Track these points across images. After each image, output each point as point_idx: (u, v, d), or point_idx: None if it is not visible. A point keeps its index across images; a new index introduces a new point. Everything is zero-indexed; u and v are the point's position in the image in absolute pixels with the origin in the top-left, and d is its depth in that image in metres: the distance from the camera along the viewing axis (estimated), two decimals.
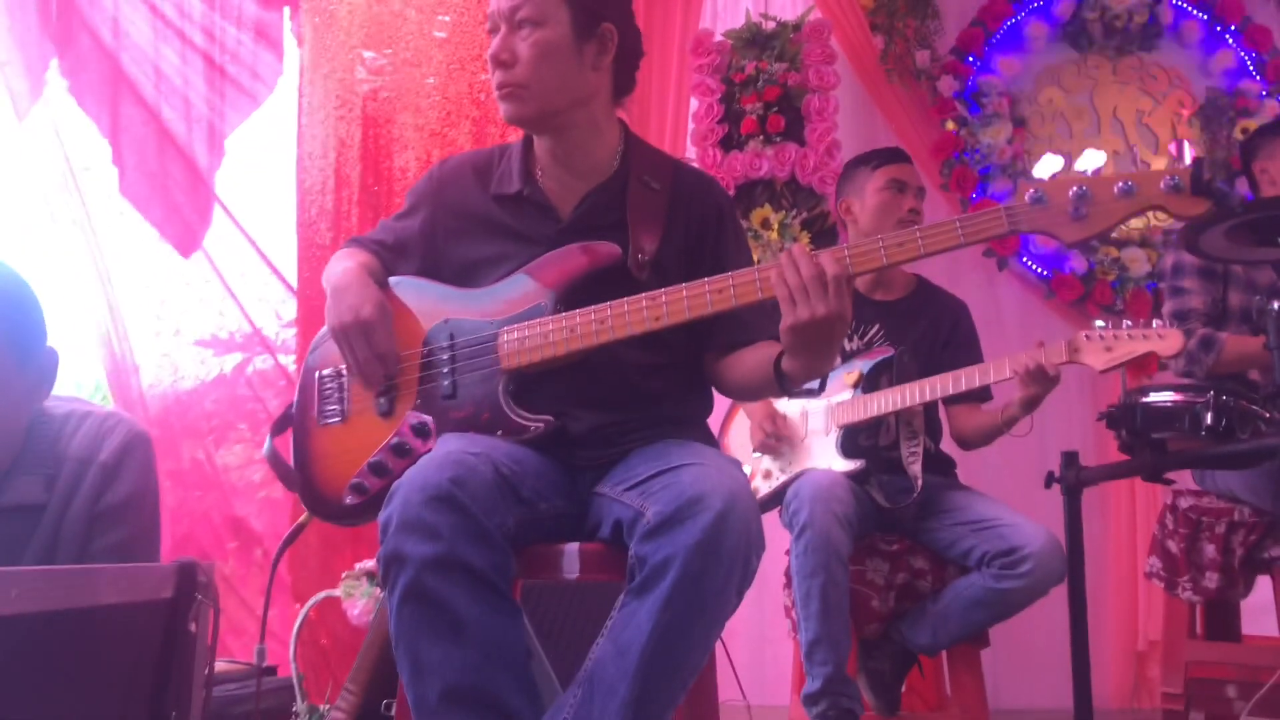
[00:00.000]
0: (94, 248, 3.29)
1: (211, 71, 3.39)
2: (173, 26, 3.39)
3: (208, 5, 3.39)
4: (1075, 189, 1.26)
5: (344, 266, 1.54)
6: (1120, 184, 1.25)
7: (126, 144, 3.32)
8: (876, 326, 2.30)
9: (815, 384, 1.39)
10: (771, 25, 3.30)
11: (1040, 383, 2.02)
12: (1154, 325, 1.98)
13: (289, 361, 3.32)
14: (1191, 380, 2.34)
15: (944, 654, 2.23)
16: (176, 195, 3.32)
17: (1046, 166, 1.31)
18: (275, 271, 3.36)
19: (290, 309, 3.34)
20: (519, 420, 1.43)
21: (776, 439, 2.23)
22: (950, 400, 2.19)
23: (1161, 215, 3.20)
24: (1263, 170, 2.44)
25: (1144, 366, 3.12)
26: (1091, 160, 1.30)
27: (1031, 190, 1.28)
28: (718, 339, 1.52)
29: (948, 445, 2.36)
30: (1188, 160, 1.26)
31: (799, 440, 2.25)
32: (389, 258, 1.61)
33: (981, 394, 2.16)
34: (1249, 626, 2.38)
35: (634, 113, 3.22)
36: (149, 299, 3.35)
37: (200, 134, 3.37)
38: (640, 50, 1.57)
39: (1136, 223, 3.36)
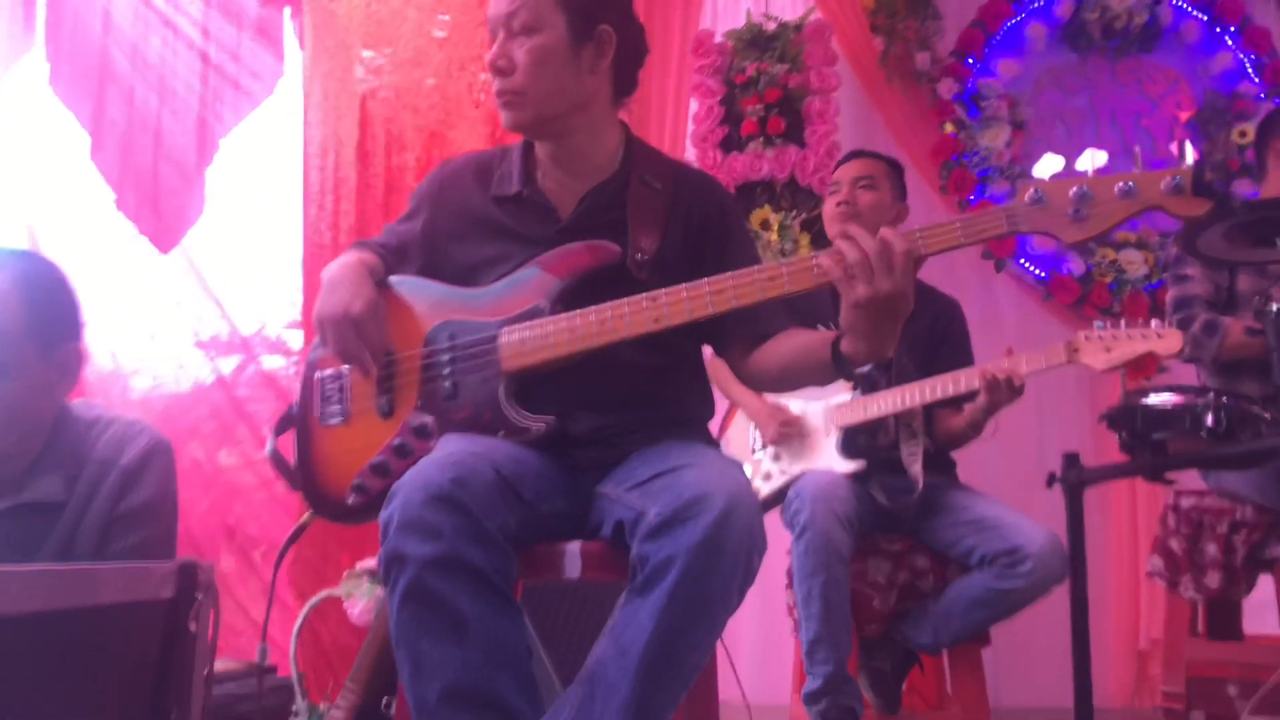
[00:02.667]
0: (79, 247, 3.28)
1: (207, 69, 3.38)
2: (169, 23, 3.38)
3: (205, 3, 3.38)
4: (1076, 189, 1.26)
5: (342, 262, 1.54)
6: (1121, 184, 1.25)
7: (110, 139, 3.31)
8: None
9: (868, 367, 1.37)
10: (772, 26, 3.30)
11: (1001, 393, 2.01)
12: (1153, 325, 1.98)
13: (288, 364, 3.32)
14: (1201, 367, 2.33)
15: (945, 653, 2.23)
16: (163, 193, 3.31)
17: (1047, 166, 1.31)
18: (275, 273, 3.36)
19: (290, 311, 3.33)
20: (520, 421, 1.43)
21: (787, 426, 2.22)
22: (936, 402, 2.18)
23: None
24: (1279, 153, 2.39)
25: (1144, 368, 3.14)
26: (1092, 160, 1.29)
27: (1032, 190, 1.27)
28: (739, 332, 1.52)
29: None
30: (1188, 161, 1.25)
31: (810, 429, 2.25)
32: (392, 260, 1.60)
33: (967, 397, 2.16)
34: (1250, 625, 2.38)
35: (634, 113, 3.22)
36: (141, 300, 3.35)
37: (192, 131, 3.36)
38: (644, 48, 1.56)
39: None
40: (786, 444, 2.25)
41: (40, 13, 3.33)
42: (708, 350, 1.61)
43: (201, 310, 3.36)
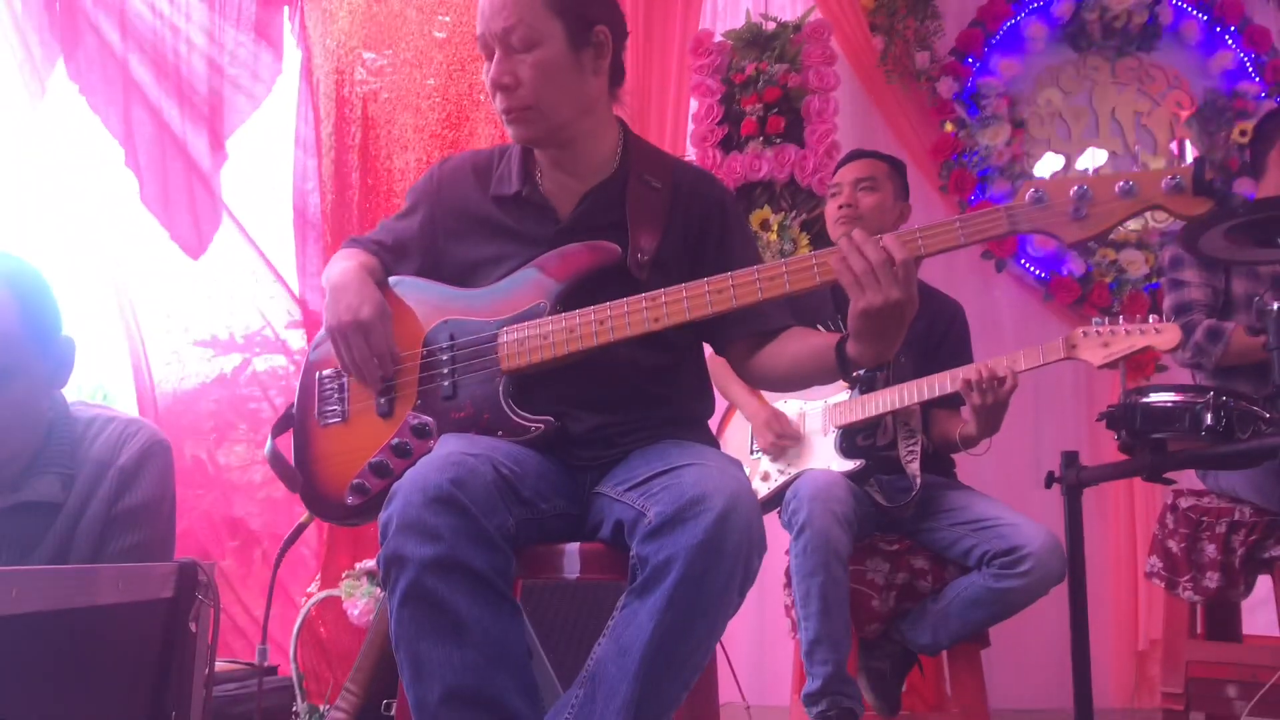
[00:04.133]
0: (106, 248, 3.29)
1: (211, 71, 3.38)
2: (173, 26, 3.38)
3: (207, 4, 3.39)
4: (1076, 189, 1.26)
5: (343, 266, 1.55)
6: (1121, 184, 1.25)
7: (139, 146, 3.32)
8: None
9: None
10: (771, 26, 3.30)
11: (990, 391, 2.00)
12: (1150, 320, 1.98)
13: (288, 362, 3.32)
14: (1201, 372, 2.33)
15: (944, 653, 2.23)
16: (184, 196, 3.32)
17: (1047, 165, 1.31)
18: (275, 272, 3.36)
19: (292, 309, 3.33)
20: (519, 421, 1.43)
21: (783, 439, 2.22)
22: (930, 404, 2.17)
23: (1160, 216, 3.21)
24: (1278, 161, 2.36)
25: (1143, 367, 3.14)
26: (1092, 158, 1.29)
27: (1032, 190, 1.27)
28: (740, 330, 1.52)
29: None
30: (1189, 160, 1.26)
31: (806, 437, 2.25)
32: (388, 258, 1.60)
33: (956, 399, 2.15)
34: (1249, 626, 2.38)
35: (633, 112, 3.22)
36: (158, 299, 3.35)
37: (203, 134, 3.36)
38: (625, 32, 1.55)
39: (1134, 224, 3.36)
40: (781, 454, 2.25)
41: (59, 23, 3.33)
42: (708, 349, 1.61)
43: (202, 309, 3.36)
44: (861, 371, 2.14)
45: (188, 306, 3.34)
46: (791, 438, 2.23)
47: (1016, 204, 1.28)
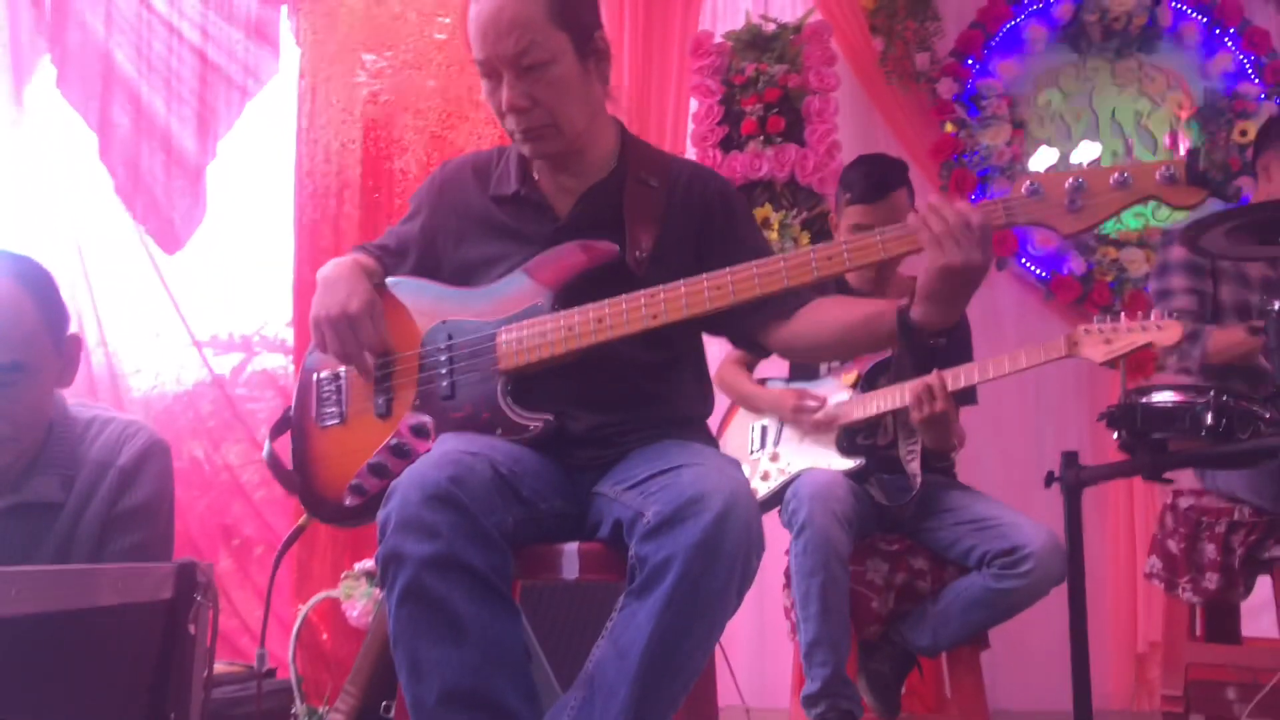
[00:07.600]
0: (81, 246, 3.29)
1: (206, 69, 3.39)
2: (167, 22, 3.38)
3: (205, 3, 3.39)
4: (1071, 181, 1.27)
5: (337, 262, 1.55)
6: (1116, 175, 1.26)
7: (116, 140, 3.32)
8: None
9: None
10: (771, 27, 3.30)
11: (927, 404, 1.99)
12: (1152, 317, 1.98)
13: (287, 363, 3.33)
14: (1188, 375, 2.33)
15: (944, 655, 2.23)
16: (167, 193, 3.32)
17: (1043, 159, 1.32)
18: (273, 272, 3.36)
19: (286, 310, 3.33)
20: (518, 420, 1.43)
21: (819, 413, 2.17)
22: None
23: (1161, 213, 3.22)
24: (1264, 167, 2.42)
25: (1143, 366, 3.13)
26: (1087, 152, 1.30)
27: (1028, 183, 1.28)
28: (758, 320, 1.50)
29: None
30: (1183, 151, 1.27)
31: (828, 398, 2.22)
32: (391, 261, 1.61)
33: (965, 395, 2.14)
34: (1249, 628, 2.37)
35: (633, 112, 3.22)
36: (139, 299, 3.35)
37: (193, 131, 3.36)
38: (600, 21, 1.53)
39: (1134, 223, 3.37)
40: (821, 428, 2.19)
41: (47, 16, 3.34)
42: (716, 355, 1.60)
43: (200, 309, 3.36)
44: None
45: (183, 306, 3.34)
46: (820, 402, 2.19)
47: (1013, 197, 1.29)
